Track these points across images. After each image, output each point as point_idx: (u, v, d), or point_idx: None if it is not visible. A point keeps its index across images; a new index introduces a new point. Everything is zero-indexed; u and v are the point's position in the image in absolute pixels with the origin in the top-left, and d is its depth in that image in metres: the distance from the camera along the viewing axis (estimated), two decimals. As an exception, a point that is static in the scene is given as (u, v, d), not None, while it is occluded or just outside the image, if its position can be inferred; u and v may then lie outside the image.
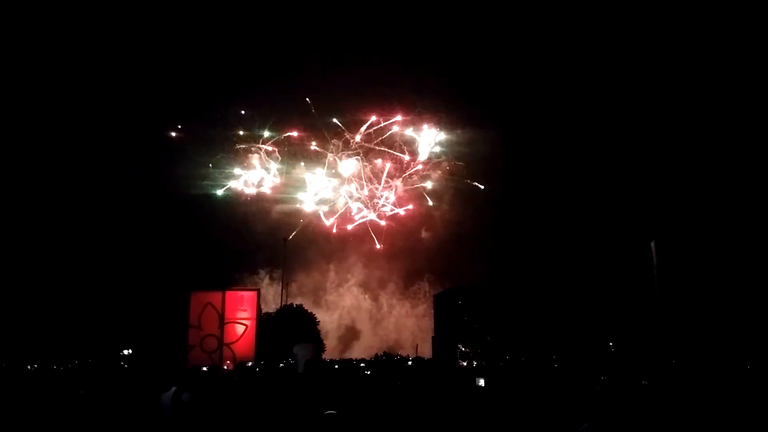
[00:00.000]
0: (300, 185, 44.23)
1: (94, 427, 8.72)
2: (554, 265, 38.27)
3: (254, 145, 43.27)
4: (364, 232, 45.75)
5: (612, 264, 34.07)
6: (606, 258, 35.06)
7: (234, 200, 43.66)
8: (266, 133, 43.18)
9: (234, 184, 43.76)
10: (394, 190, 44.97)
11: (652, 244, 23.90)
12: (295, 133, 43.19)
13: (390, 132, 44.91)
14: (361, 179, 44.92)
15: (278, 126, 43.26)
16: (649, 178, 36.06)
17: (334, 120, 43.48)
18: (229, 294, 26.55)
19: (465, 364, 31.48)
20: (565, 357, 26.43)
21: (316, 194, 44.31)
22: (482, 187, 41.62)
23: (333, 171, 44.78)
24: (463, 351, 33.42)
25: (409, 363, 27.71)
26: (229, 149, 43.18)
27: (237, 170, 43.71)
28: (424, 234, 45.35)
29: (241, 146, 43.11)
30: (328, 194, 44.81)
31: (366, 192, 44.92)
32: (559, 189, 40.53)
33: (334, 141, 44.02)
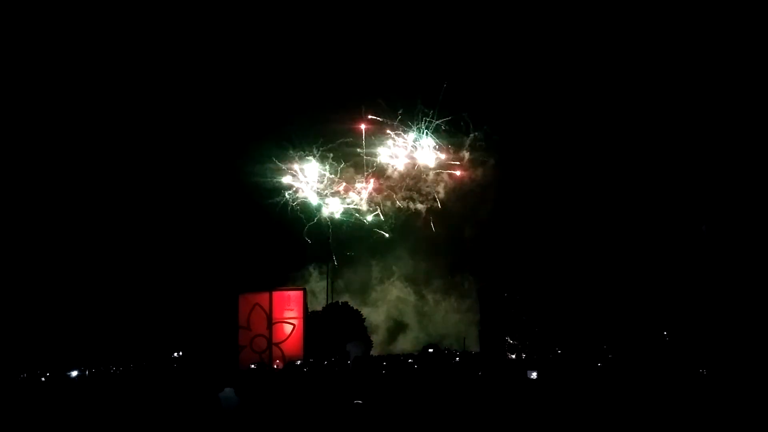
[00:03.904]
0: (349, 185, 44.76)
1: (155, 426, 8.96)
2: (603, 253, 37.42)
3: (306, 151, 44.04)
4: (408, 226, 45.95)
5: (663, 250, 33.10)
6: (656, 244, 34.08)
7: (282, 197, 44.42)
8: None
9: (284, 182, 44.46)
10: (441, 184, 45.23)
11: (704, 228, 23.10)
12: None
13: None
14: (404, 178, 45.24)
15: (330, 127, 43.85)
16: (700, 160, 34.91)
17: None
18: (276, 294, 27.03)
19: (513, 356, 31.09)
20: (617, 347, 25.82)
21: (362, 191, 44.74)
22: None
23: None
24: (511, 343, 32.99)
25: (457, 359, 27.57)
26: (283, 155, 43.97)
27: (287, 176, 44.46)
28: (467, 227, 45.19)
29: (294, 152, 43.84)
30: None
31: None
32: (608, 174, 39.61)
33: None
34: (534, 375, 12.78)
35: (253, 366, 17.32)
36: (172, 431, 8.87)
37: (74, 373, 19.73)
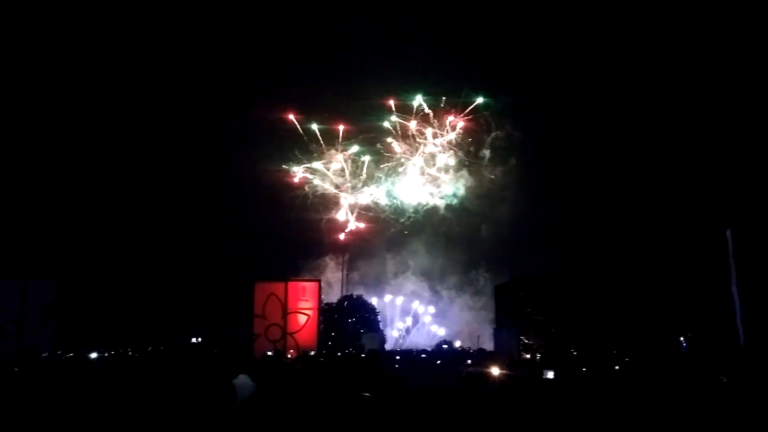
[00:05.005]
0: (370, 176, 45.29)
1: (172, 411, 8.99)
2: (622, 255, 37.07)
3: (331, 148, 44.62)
4: (425, 221, 46.19)
5: (685, 254, 32.70)
6: (678, 248, 33.68)
7: (299, 188, 45.01)
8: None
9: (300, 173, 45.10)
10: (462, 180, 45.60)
11: (728, 232, 22.67)
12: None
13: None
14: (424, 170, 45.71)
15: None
16: (725, 161, 34.37)
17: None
18: (291, 284, 27.12)
19: (528, 356, 30.91)
20: (634, 351, 25.55)
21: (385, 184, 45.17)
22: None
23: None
24: (526, 343, 32.79)
25: (469, 360, 27.45)
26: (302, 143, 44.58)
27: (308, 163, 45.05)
28: (484, 224, 45.23)
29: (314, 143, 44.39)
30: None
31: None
32: (629, 174, 39.21)
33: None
34: (550, 375, 12.65)
35: (270, 353, 17.36)
36: (185, 416, 8.87)
37: (94, 355, 20.04)
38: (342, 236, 44.98)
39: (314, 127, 44.47)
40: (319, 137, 44.84)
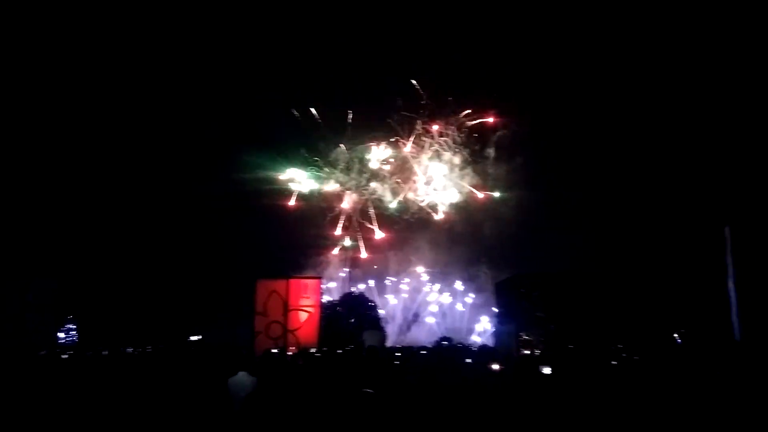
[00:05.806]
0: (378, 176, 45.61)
1: (166, 409, 9.13)
2: (622, 252, 37.15)
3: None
4: (426, 219, 46.41)
5: (682, 251, 32.77)
6: (677, 245, 33.76)
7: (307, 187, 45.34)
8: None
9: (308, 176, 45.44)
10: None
11: (727, 229, 22.74)
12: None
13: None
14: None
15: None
16: (724, 159, 34.41)
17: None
18: (292, 282, 27.26)
19: (528, 352, 31.04)
20: (631, 347, 25.68)
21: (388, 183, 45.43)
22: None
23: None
24: (525, 339, 32.93)
25: (469, 359, 27.58)
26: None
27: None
28: (487, 221, 45.40)
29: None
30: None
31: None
32: (628, 172, 39.28)
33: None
34: (547, 370, 12.79)
35: (274, 351, 17.49)
36: (179, 413, 9.01)
37: (93, 353, 20.23)
38: (336, 251, 45.35)
39: (321, 124, 44.71)
40: (325, 136, 45.04)
